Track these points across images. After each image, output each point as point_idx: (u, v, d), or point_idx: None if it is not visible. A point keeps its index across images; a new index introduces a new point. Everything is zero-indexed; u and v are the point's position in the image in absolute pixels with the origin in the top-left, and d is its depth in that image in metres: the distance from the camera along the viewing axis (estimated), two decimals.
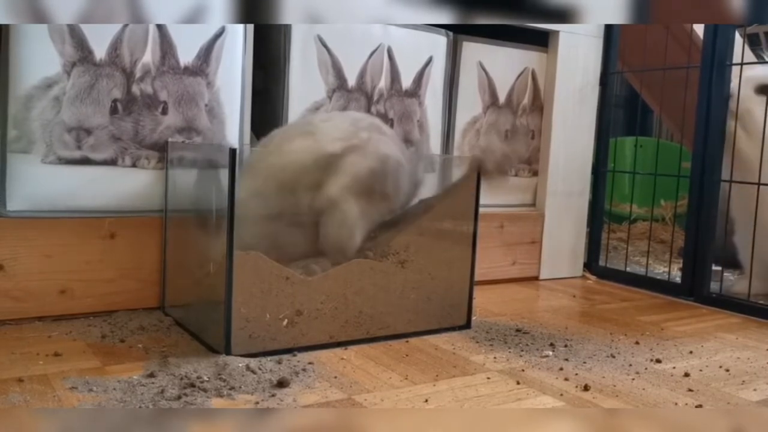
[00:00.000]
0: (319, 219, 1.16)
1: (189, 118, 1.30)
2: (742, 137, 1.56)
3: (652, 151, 2.09)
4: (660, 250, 2.05)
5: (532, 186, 1.85)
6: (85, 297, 1.23)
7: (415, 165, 1.25)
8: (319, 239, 1.16)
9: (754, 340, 1.35)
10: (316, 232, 1.16)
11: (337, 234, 1.16)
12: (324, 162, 1.15)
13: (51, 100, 1.19)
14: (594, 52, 1.86)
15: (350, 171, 1.14)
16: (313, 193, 1.15)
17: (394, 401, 0.94)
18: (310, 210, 1.15)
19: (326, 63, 1.46)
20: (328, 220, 1.15)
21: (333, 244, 1.16)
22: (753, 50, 2.01)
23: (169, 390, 0.91)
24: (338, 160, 1.14)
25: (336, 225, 1.15)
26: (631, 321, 1.45)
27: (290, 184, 1.15)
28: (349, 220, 1.15)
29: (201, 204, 1.20)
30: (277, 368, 1.02)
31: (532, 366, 1.11)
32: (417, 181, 1.26)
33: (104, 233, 1.24)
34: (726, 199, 1.61)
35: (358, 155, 1.15)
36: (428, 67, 1.60)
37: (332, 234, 1.16)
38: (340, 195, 1.14)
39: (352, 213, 1.14)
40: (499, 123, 1.77)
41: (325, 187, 1.14)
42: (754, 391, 1.06)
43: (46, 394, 0.89)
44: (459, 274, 1.30)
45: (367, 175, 1.15)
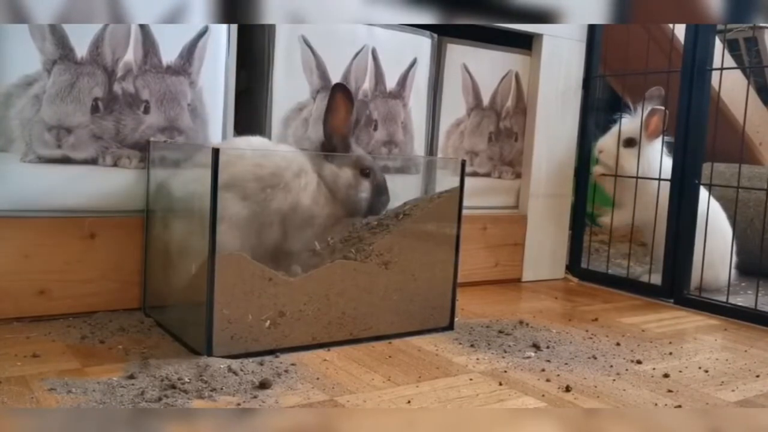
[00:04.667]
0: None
1: (171, 117, 1.30)
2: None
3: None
4: (641, 252, 2.07)
5: (515, 188, 1.86)
6: (64, 297, 1.22)
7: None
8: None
9: (732, 342, 1.37)
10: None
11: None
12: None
13: (31, 99, 1.17)
14: (577, 55, 1.87)
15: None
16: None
17: (377, 402, 0.93)
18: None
19: (310, 64, 1.45)
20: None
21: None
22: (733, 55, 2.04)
23: (149, 391, 0.90)
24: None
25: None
26: (612, 322, 1.46)
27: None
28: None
29: (183, 204, 1.19)
30: (259, 369, 1.01)
31: (515, 367, 1.12)
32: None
33: (84, 233, 1.23)
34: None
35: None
36: (412, 69, 1.60)
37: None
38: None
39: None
40: (482, 125, 1.77)
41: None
42: (733, 391, 1.07)
43: (23, 395, 0.88)
44: (442, 276, 1.30)
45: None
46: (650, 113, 1.75)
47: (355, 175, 1.26)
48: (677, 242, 1.68)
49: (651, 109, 1.75)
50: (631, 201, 1.75)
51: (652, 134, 1.76)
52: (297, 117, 1.45)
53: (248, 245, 1.13)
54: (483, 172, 1.79)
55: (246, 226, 1.14)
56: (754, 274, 1.77)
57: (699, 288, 1.66)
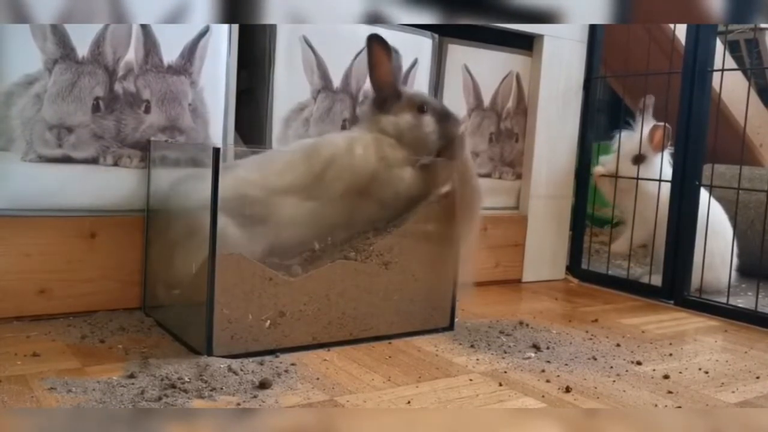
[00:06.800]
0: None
1: (172, 117, 1.30)
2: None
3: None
4: (641, 253, 2.07)
5: (516, 189, 1.86)
6: (64, 297, 1.22)
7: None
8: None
9: (732, 343, 1.37)
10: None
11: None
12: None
13: (32, 98, 1.17)
14: (577, 56, 1.87)
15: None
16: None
17: (377, 403, 0.93)
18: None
19: (311, 64, 1.45)
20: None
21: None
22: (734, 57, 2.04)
23: (149, 391, 0.90)
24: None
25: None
26: (613, 323, 1.46)
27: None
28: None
29: (183, 203, 1.19)
30: (259, 369, 1.01)
31: (515, 368, 1.12)
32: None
33: (85, 233, 1.23)
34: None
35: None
36: (413, 70, 1.60)
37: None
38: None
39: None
40: (483, 126, 1.77)
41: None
42: (733, 393, 1.07)
43: (23, 394, 0.88)
44: (442, 276, 1.30)
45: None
46: (653, 129, 1.77)
47: (414, 114, 1.25)
48: (678, 243, 1.68)
49: (653, 126, 1.78)
50: (638, 217, 1.76)
51: (657, 147, 1.78)
52: (298, 117, 1.45)
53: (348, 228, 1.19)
54: (484, 172, 1.79)
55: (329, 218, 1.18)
56: (754, 275, 1.77)
57: (699, 289, 1.66)
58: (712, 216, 1.71)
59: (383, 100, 1.26)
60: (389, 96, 1.26)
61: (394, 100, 1.26)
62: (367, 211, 1.21)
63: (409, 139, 1.24)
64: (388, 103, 1.26)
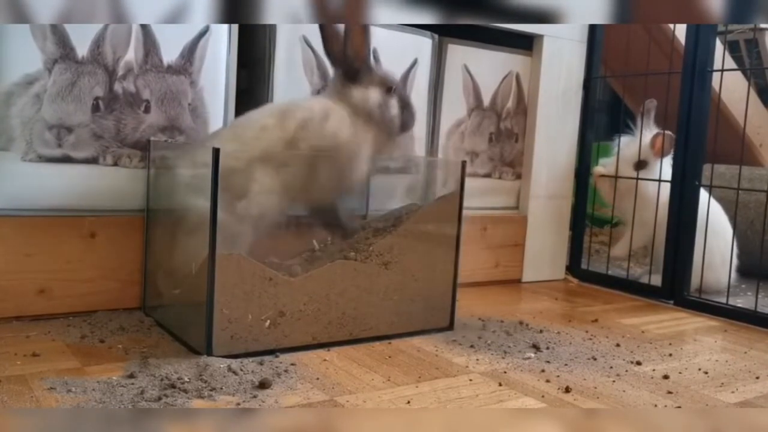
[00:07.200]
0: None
1: (172, 117, 1.30)
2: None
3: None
4: (641, 253, 2.07)
5: (516, 189, 1.86)
6: (64, 297, 1.22)
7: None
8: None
9: (732, 343, 1.37)
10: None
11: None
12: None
13: (32, 98, 1.17)
14: (577, 56, 1.87)
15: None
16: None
17: (377, 403, 0.93)
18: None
19: (311, 63, 1.45)
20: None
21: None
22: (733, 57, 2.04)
23: (149, 391, 0.90)
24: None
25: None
26: (612, 323, 1.46)
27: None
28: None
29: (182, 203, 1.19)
30: (259, 369, 1.01)
31: (515, 368, 1.12)
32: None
33: (84, 232, 1.23)
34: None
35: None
36: (413, 69, 1.60)
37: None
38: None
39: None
40: (483, 126, 1.77)
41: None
42: (732, 393, 1.07)
43: (23, 394, 0.88)
44: (442, 276, 1.30)
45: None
46: (655, 136, 1.78)
47: (383, 93, 1.25)
48: (677, 243, 1.68)
49: (656, 133, 1.78)
50: (638, 220, 1.76)
51: (658, 154, 1.79)
52: None
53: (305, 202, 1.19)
54: (483, 172, 1.79)
55: (296, 185, 1.17)
56: (754, 275, 1.77)
57: (699, 289, 1.66)
58: (711, 216, 1.71)
59: (355, 72, 1.24)
60: (361, 69, 1.24)
61: (366, 74, 1.25)
62: (319, 182, 1.20)
63: (376, 117, 1.24)
64: (359, 76, 1.24)
